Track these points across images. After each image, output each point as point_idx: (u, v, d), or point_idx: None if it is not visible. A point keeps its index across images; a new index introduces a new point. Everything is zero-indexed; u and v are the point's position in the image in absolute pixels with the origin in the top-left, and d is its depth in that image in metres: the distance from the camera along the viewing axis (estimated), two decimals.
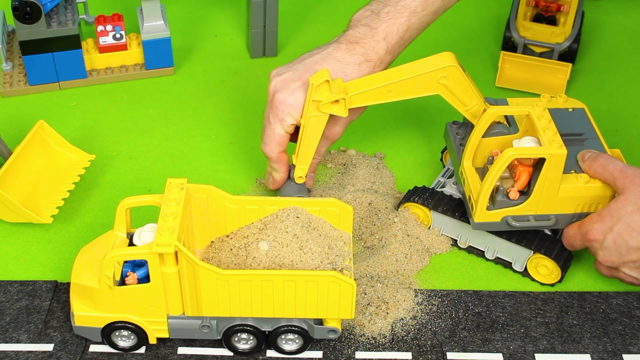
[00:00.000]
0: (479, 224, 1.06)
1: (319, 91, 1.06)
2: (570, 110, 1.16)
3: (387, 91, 1.08)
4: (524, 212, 1.05)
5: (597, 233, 1.02)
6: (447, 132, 1.18)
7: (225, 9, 1.59)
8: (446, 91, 1.08)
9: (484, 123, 1.07)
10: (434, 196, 1.14)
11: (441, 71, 1.06)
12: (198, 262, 0.92)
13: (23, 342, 1.02)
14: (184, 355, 1.01)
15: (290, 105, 1.08)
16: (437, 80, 1.07)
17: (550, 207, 1.05)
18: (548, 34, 1.39)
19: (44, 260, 1.12)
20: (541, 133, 1.02)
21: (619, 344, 1.03)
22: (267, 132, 1.11)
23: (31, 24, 1.30)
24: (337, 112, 1.08)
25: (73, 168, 1.22)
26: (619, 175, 1.02)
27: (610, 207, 1.01)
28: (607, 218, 1.01)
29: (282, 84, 1.10)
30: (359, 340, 1.03)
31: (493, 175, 1.02)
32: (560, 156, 1.00)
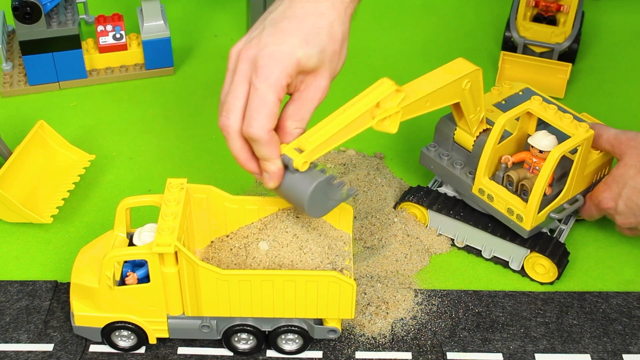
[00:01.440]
0: (531, 231, 1.06)
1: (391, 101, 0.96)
2: (521, 93, 1.17)
3: (426, 101, 1.00)
4: (560, 202, 1.07)
5: (608, 201, 1.07)
6: (426, 157, 1.14)
7: (225, 9, 1.59)
8: (466, 97, 1.05)
9: (498, 133, 1.05)
10: (429, 195, 1.14)
11: (467, 76, 1.03)
12: (198, 262, 0.92)
13: (23, 342, 1.02)
14: (184, 355, 1.01)
15: (281, 59, 0.92)
16: (462, 87, 1.03)
17: (578, 187, 1.08)
18: (548, 34, 1.39)
19: (44, 260, 1.12)
20: (559, 123, 1.04)
21: (619, 344, 1.03)
22: (254, 103, 0.92)
23: (31, 24, 1.30)
24: (386, 129, 0.97)
25: (73, 168, 1.22)
26: (614, 143, 1.06)
27: (613, 174, 1.06)
28: (614, 185, 1.06)
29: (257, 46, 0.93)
30: (359, 340, 1.03)
31: (544, 181, 1.02)
32: (590, 138, 1.03)
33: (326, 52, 0.95)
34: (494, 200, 1.07)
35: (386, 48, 1.50)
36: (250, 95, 0.92)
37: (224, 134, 0.94)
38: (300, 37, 0.94)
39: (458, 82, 1.02)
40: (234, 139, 0.94)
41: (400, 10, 1.59)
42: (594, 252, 1.15)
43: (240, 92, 0.93)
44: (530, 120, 1.08)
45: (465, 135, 1.10)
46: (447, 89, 1.01)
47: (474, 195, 1.09)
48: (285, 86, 0.92)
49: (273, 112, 0.92)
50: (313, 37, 0.94)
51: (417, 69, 1.45)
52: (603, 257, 1.14)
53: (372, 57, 1.48)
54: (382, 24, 1.56)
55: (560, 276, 1.09)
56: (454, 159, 1.12)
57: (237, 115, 0.93)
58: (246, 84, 0.93)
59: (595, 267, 1.13)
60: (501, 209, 1.07)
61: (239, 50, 0.95)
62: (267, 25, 0.95)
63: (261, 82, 0.91)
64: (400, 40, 1.51)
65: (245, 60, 0.93)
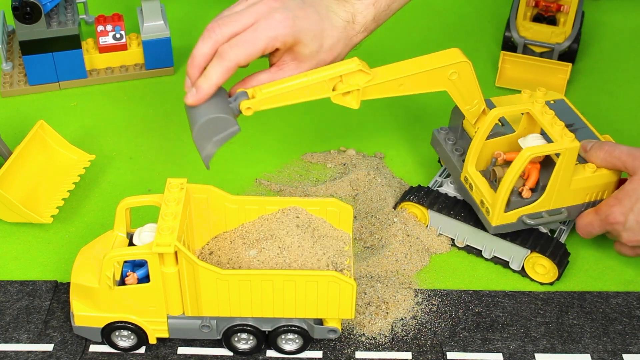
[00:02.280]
0: (496, 228, 1.06)
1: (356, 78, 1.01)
2: (552, 102, 1.17)
3: (399, 84, 1.04)
4: (538, 209, 1.05)
5: (618, 215, 1.03)
6: (435, 139, 1.17)
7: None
8: (454, 88, 1.07)
9: (487, 126, 1.06)
10: (429, 195, 1.14)
11: (453, 67, 1.05)
12: (198, 262, 0.92)
13: (23, 342, 1.02)
14: (184, 355, 1.01)
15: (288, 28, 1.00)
16: (447, 76, 1.06)
17: (563, 201, 1.06)
18: (548, 34, 1.39)
19: (44, 260, 1.12)
20: (549, 129, 1.03)
21: (619, 344, 1.03)
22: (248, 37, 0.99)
23: (31, 24, 1.30)
24: (349, 104, 1.03)
25: (73, 168, 1.22)
26: (627, 159, 1.04)
27: (625, 189, 1.03)
28: (625, 200, 1.03)
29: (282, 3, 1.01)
30: (359, 340, 1.03)
31: (511, 179, 1.02)
32: (574, 149, 1.01)
33: (319, 55, 1.04)
34: (473, 190, 1.07)
35: (386, 48, 1.50)
36: (248, 30, 0.99)
37: (204, 34, 1.00)
38: (313, 27, 1.02)
39: (441, 70, 1.04)
40: (207, 44, 0.99)
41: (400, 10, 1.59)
42: (594, 252, 1.15)
43: (242, 21, 1.00)
44: (534, 121, 1.07)
45: (470, 124, 1.12)
46: (428, 75, 1.04)
47: (460, 182, 1.10)
48: (275, 47, 1.00)
49: (252, 53, 0.99)
50: (320, 36, 1.03)
51: None
52: (603, 257, 1.14)
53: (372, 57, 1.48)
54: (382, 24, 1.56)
55: (561, 276, 1.09)
56: (458, 145, 1.13)
57: (225, 33, 0.99)
58: (252, 19, 1.00)
59: (595, 267, 1.13)
60: (477, 200, 1.07)
61: None
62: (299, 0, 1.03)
63: (263, 27, 0.99)
64: (400, 40, 1.51)
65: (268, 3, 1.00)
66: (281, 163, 1.27)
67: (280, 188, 1.22)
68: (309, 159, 1.28)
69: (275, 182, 1.23)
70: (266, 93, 0.99)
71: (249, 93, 1.00)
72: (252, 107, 0.99)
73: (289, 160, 1.27)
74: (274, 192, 1.21)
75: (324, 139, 1.31)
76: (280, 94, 0.99)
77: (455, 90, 1.07)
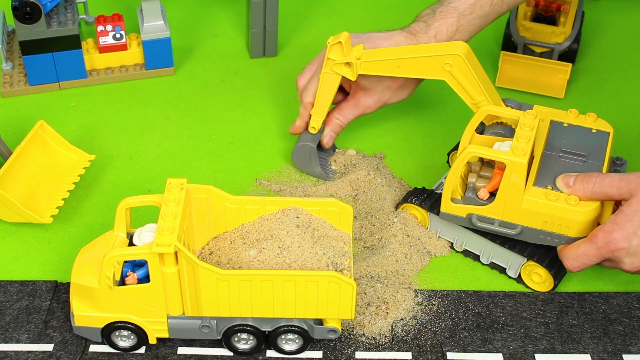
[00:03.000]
0: (443, 214, 1.08)
1: (333, 50, 1.14)
2: (594, 131, 1.10)
3: (396, 66, 1.12)
4: (488, 214, 1.05)
5: (621, 241, 0.98)
6: None
7: (225, 9, 1.59)
8: (452, 79, 1.11)
9: (474, 120, 1.08)
10: (431, 198, 1.14)
11: (446, 57, 1.09)
12: (198, 262, 0.92)
13: (23, 342, 1.02)
14: (184, 355, 1.01)
15: None
16: (442, 66, 1.10)
17: (516, 217, 1.03)
18: (548, 34, 1.39)
19: (44, 260, 1.12)
20: (515, 140, 1.01)
21: (619, 344, 1.03)
22: (313, 82, 1.20)
23: (31, 24, 1.30)
24: (347, 74, 1.15)
25: (73, 168, 1.22)
26: (620, 184, 0.99)
27: (624, 212, 0.98)
28: (627, 224, 0.97)
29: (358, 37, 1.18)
30: (359, 340, 1.03)
31: (453, 169, 1.04)
32: (519, 164, 0.99)
33: (382, 83, 1.20)
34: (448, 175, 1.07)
35: None
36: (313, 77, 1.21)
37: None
38: None
39: (435, 59, 1.09)
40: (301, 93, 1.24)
41: (400, 10, 1.59)
42: None
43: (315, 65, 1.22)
44: None
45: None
46: (421, 62, 1.11)
47: None
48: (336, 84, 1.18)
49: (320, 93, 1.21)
50: None
51: None
52: None
53: None
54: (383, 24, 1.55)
55: (556, 287, 1.08)
56: None
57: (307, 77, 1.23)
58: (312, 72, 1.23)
59: (595, 267, 1.13)
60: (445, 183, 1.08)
61: None
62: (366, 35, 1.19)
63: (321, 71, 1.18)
64: None
65: None
66: (281, 163, 1.27)
67: (280, 188, 1.22)
68: None
69: (275, 182, 1.23)
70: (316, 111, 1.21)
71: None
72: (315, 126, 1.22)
73: (289, 160, 1.27)
74: (274, 192, 1.21)
75: None
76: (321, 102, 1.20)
77: (455, 83, 1.11)
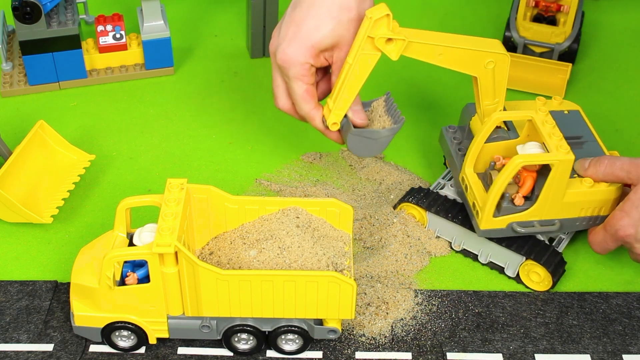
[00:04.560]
0: (484, 231, 1.05)
1: (378, 26, 0.99)
2: (566, 113, 1.16)
3: (439, 53, 1.03)
4: (529, 218, 1.04)
5: (628, 228, 1.01)
6: (442, 137, 1.17)
7: (225, 9, 1.59)
8: (485, 78, 1.06)
9: (487, 128, 1.06)
10: (428, 197, 1.14)
11: (492, 55, 1.04)
12: (198, 262, 0.92)
13: (23, 342, 1.02)
14: (184, 355, 1.01)
15: (295, 53, 1.03)
16: (484, 64, 1.04)
17: (555, 212, 1.04)
18: (548, 34, 1.39)
19: (44, 260, 1.12)
20: (547, 139, 1.02)
21: (619, 344, 1.03)
22: (292, 94, 1.08)
23: (31, 24, 1.30)
24: (389, 53, 1.01)
25: (73, 168, 1.22)
26: (630, 168, 1.02)
27: (631, 199, 1.01)
28: (633, 211, 1.01)
29: (276, 41, 1.06)
30: (359, 340, 1.03)
31: (501, 183, 1.01)
32: (568, 162, 1.00)
33: (342, 25, 1.03)
34: (468, 191, 1.07)
35: None
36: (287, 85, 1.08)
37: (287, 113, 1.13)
38: (312, 23, 1.03)
39: (480, 55, 1.03)
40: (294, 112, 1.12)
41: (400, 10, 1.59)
42: (593, 252, 1.14)
43: (277, 80, 1.10)
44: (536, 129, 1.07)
45: (477, 125, 1.11)
46: (467, 55, 1.03)
47: (457, 183, 1.10)
48: (309, 70, 1.05)
49: (305, 97, 1.07)
50: (323, 18, 1.03)
51: (417, 68, 1.45)
52: (603, 257, 1.14)
53: None
54: None
55: (555, 285, 1.09)
56: (463, 145, 1.13)
57: (283, 98, 1.11)
58: (277, 72, 1.09)
59: (595, 267, 1.13)
60: (470, 201, 1.07)
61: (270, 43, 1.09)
62: (287, 15, 1.06)
63: (287, 76, 1.06)
64: None
65: (272, 55, 1.08)
66: (281, 163, 1.27)
67: (280, 188, 1.22)
68: (309, 159, 1.28)
69: (275, 182, 1.23)
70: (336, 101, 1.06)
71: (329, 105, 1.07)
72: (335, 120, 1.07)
73: (289, 160, 1.27)
74: (274, 192, 1.21)
75: (324, 139, 1.31)
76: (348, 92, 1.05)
77: (486, 81, 1.06)
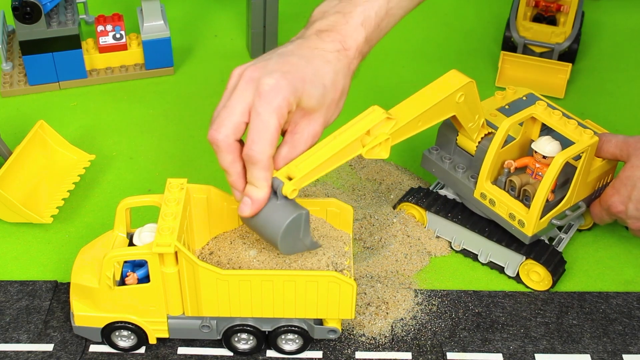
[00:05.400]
0: (533, 237, 1.05)
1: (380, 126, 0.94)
2: (525, 99, 1.16)
3: (418, 122, 0.98)
4: (562, 209, 1.06)
5: (618, 205, 1.06)
6: (428, 161, 1.13)
7: (225, 9, 1.59)
8: (460, 110, 1.03)
9: (502, 138, 1.03)
10: (428, 196, 1.14)
11: (461, 90, 1.00)
12: (198, 262, 0.92)
13: (23, 342, 1.02)
14: (184, 355, 1.01)
15: (285, 87, 0.89)
16: (456, 101, 1.01)
17: (580, 194, 1.07)
18: (548, 34, 1.39)
19: (44, 260, 1.12)
20: (563, 129, 1.03)
21: (619, 344, 1.03)
22: (256, 127, 0.89)
23: (31, 24, 1.30)
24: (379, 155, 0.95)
25: (73, 168, 1.22)
26: (622, 146, 1.05)
27: (620, 177, 1.05)
28: (622, 188, 1.05)
29: (262, 70, 0.91)
30: (359, 340, 1.03)
31: (548, 186, 1.00)
32: (595, 144, 1.03)
33: (326, 98, 0.94)
34: (496, 205, 1.06)
35: (386, 48, 1.50)
36: (252, 119, 0.90)
37: (214, 148, 0.91)
38: (306, 74, 0.92)
39: (451, 97, 1.00)
40: (224, 153, 0.91)
41: None
42: (593, 252, 1.15)
43: (236, 109, 0.90)
44: (534, 125, 1.07)
45: (467, 140, 1.09)
46: (440, 105, 0.99)
47: (476, 199, 1.08)
48: (286, 114, 0.90)
49: (274, 137, 0.89)
50: (318, 78, 0.93)
51: (417, 69, 1.46)
52: (603, 257, 1.14)
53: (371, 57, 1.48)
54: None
55: (555, 285, 1.09)
56: (456, 163, 1.11)
57: (228, 130, 0.90)
58: (244, 103, 0.90)
59: (595, 267, 1.13)
60: (503, 214, 1.06)
61: (242, 71, 0.92)
62: (275, 56, 0.93)
63: (264, 106, 0.89)
64: (400, 40, 1.51)
65: (249, 80, 0.91)
66: None
67: None
68: None
69: None
70: (303, 169, 0.91)
71: (282, 176, 0.91)
72: (296, 187, 0.90)
73: None
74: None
75: None
76: (317, 167, 0.91)
77: (461, 112, 1.03)
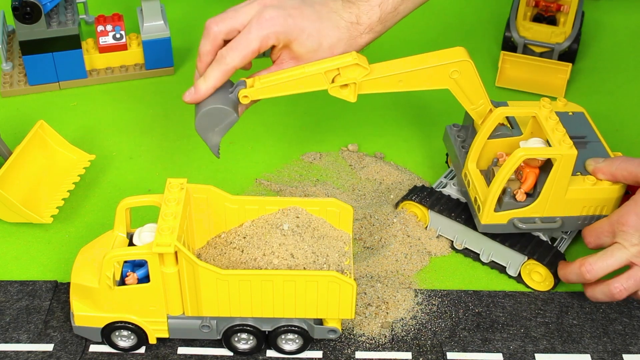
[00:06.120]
0: (485, 226, 1.05)
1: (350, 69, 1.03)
2: (570, 114, 1.15)
3: (398, 80, 1.04)
4: (530, 214, 1.04)
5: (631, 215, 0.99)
6: (447, 135, 1.17)
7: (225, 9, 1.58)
8: (456, 87, 1.06)
9: (490, 124, 1.06)
10: (432, 195, 1.14)
11: (454, 65, 1.04)
12: (198, 262, 0.92)
13: (23, 342, 1.02)
14: (184, 355, 1.01)
15: (279, 26, 1.03)
16: (449, 75, 1.04)
17: (557, 210, 1.04)
18: (548, 34, 1.39)
19: (44, 260, 1.12)
20: (550, 134, 1.02)
21: (619, 344, 1.03)
22: (242, 39, 1.03)
23: (31, 24, 1.30)
24: (346, 97, 1.05)
25: (73, 168, 1.22)
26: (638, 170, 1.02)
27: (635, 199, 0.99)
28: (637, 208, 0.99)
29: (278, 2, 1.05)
30: (359, 340, 1.03)
31: (502, 177, 1.01)
32: (571, 157, 1.00)
33: (317, 53, 1.05)
34: (469, 187, 1.07)
35: (385, 48, 1.49)
36: (242, 31, 1.03)
37: (204, 32, 1.05)
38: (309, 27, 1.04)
39: (442, 68, 1.04)
40: (208, 41, 1.05)
41: None
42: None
43: (240, 18, 1.04)
44: (540, 126, 1.06)
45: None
46: (429, 72, 1.04)
47: (461, 179, 1.10)
48: (269, 45, 1.03)
49: (248, 54, 1.03)
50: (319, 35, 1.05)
51: None
52: None
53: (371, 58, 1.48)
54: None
55: (557, 286, 1.08)
56: (467, 143, 1.12)
57: (224, 28, 1.04)
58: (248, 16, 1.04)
59: None
60: (471, 197, 1.07)
61: None
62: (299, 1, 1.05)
63: (255, 27, 1.03)
64: (399, 40, 1.51)
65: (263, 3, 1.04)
66: (281, 163, 1.27)
67: (280, 188, 1.22)
68: (309, 159, 1.28)
69: (275, 182, 1.23)
70: (264, 82, 1.03)
71: (248, 83, 1.04)
72: (249, 95, 1.03)
73: (289, 160, 1.27)
74: (274, 192, 1.21)
75: (324, 139, 1.31)
76: (278, 84, 1.03)
77: (458, 90, 1.06)
